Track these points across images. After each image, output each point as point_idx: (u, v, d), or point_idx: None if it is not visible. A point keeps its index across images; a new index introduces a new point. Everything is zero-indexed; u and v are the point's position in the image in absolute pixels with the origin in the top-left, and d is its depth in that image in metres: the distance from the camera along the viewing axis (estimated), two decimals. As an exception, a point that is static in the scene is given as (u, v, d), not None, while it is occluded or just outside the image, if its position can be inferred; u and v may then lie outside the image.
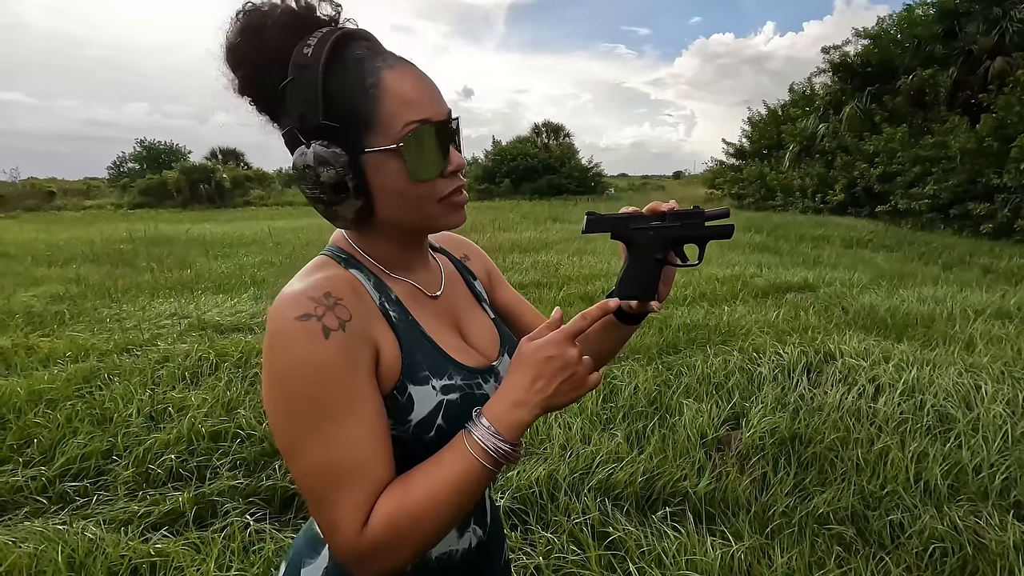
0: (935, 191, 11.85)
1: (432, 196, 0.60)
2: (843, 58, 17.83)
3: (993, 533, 1.86)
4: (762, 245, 9.35)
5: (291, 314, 0.54)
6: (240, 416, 2.66)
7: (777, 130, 20.83)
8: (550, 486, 2.11)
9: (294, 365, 0.53)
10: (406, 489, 0.55)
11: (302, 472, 0.54)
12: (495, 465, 0.56)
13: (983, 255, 8.55)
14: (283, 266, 7.47)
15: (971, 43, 14.27)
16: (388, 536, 0.53)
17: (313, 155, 0.55)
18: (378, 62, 0.57)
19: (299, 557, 0.67)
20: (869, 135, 15.05)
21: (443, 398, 0.61)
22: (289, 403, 0.54)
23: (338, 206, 0.58)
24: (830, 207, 15.85)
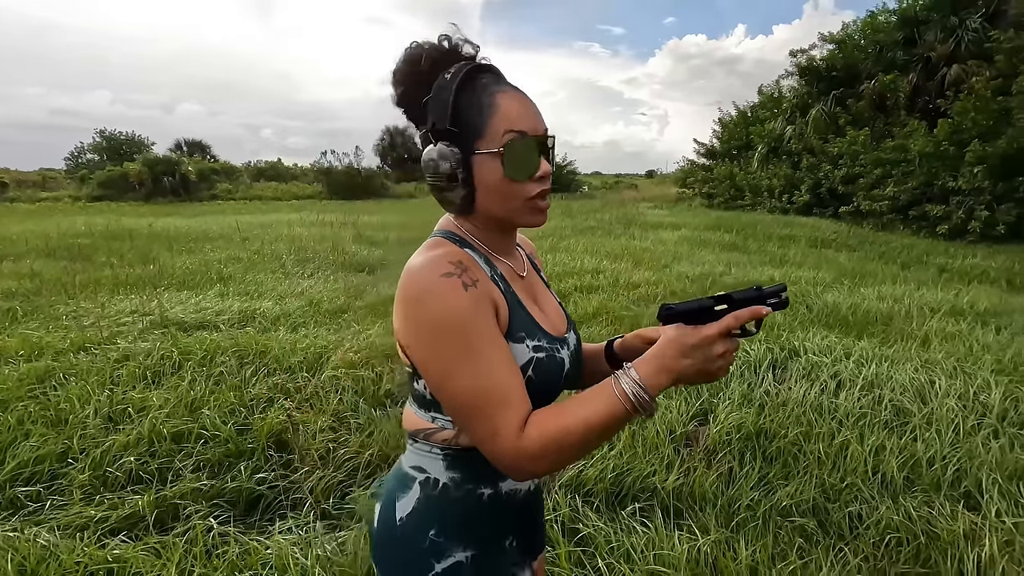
0: (895, 193, 12.26)
1: (520, 195, 0.76)
2: (809, 62, 18.29)
3: (945, 523, 1.94)
4: (731, 244, 9.54)
5: (436, 273, 0.69)
6: (204, 416, 2.59)
7: (746, 131, 21.27)
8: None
9: (446, 311, 0.67)
10: (558, 413, 0.69)
11: (461, 392, 0.68)
12: (633, 410, 0.69)
13: (939, 255, 8.90)
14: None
15: (930, 50, 14.81)
16: (541, 445, 0.67)
17: (437, 151, 0.73)
18: (496, 88, 0.75)
19: (392, 494, 0.82)
20: (834, 138, 15.48)
21: (533, 355, 0.77)
22: (444, 341, 0.68)
23: (449, 192, 0.75)
24: (796, 207, 16.26)
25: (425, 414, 0.80)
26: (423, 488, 0.79)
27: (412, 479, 0.80)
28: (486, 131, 0.73)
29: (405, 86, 0.77)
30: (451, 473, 0.79)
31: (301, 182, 35.85)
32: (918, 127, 12.57)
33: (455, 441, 0.78)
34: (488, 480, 0.80)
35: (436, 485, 0.79)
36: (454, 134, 0.73)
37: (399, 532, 0.79)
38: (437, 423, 0.79)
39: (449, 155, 0.72)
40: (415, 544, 0.78)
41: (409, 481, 0.81)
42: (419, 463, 0.81)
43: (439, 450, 0.79)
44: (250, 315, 4.53)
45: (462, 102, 0.73)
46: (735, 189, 19.85)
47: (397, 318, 0.73)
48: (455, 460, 0.79)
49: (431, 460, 0.80)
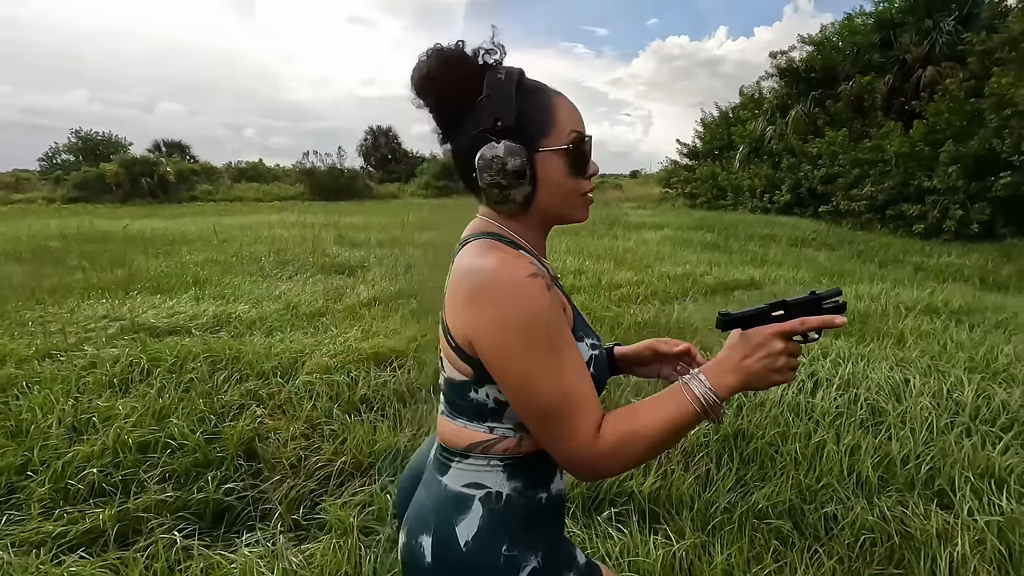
0: (872, 193, 12.47)
1: (578, 191, 0.80)
2: (789, 63, 18.53)
3: (918, 522, 1.95)
4: (713, 244, 9.61)
5: (523, 273, 0.69)
6: (172, 425, 2.51)
7: (728, 132, 21.48)
8: (496, 490, 2.08)
9: (535, 310, 0.68)
10: (631, 414, 0.71)
11: (543, 393, 0.69)
12: (704, 413, 0.71)
13: (915, 254, 9.06)
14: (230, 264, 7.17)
15: (905, 52, 15.09)
16: (616, 446, 0.69)
17: (504, 148, 0.73)
18: (549, 90, 0.79)
19: (446, 520, 0.77)
20: (813, 138, 15.70)
21: (592, 353, 0.79)
22: (533, 342, 0.68)
23: (513, 190, 0.75)
24: (777, 207, 16.46)
25: (480, 425, 0.78)
26: (485, 504, 0.77)
27: (470, 498, 0.77)
28: (552, 129, 0.75)
29: (443, 87, 0.75)
30: (513, 483, 0.78)
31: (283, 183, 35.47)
32: (894, 128, 12.79)
33: (517, 450, 0.78)
34: (544, 484, 0.81)
35: (500, 499, 0.77)
36: (519, 131, 0.74)
37: (467, 558, 0.75)
38: (497, 433, 0.77)
39: (518, 151, 0.73)
40: (489, 565, 0.75)
41: (466, 500, 0.77)
42: (475, 479, 0.78)
43: (498, 461, 0.78)
44: (225, 319, 4.43)
45: (521, 100, 0.74)
46: (717, 189, 20.04)
47: (469, 317, 0.71)
48: (515, 469, 0.78)
49: (490, 474, 0.78)
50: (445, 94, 0.76)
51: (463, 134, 0.77)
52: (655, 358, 1.00)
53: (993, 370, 3.21)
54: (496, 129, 0.73)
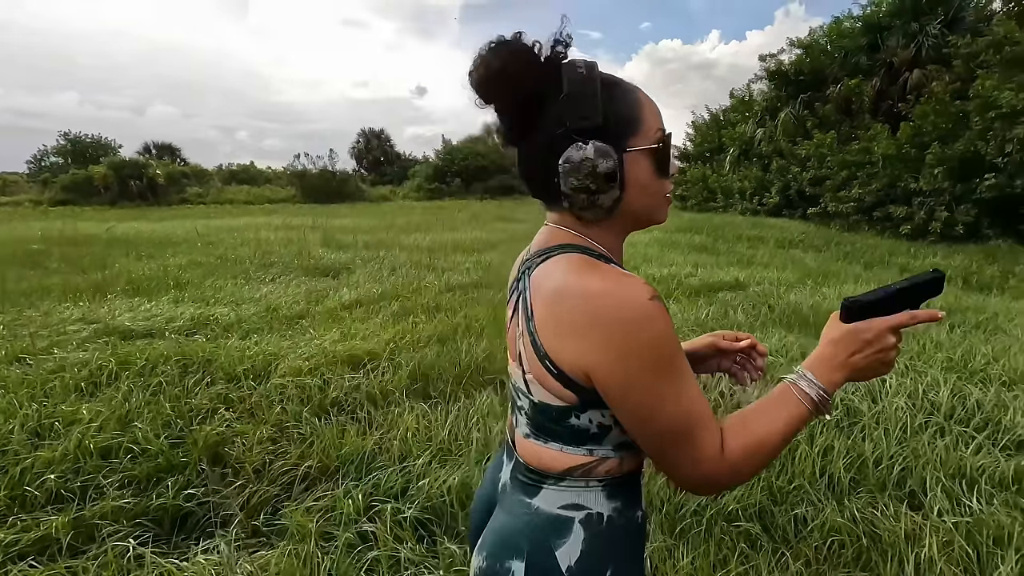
0: (860, 195, 12.53)
1: (663, 191, 0.75)
2: (778, 66, 18.64)
3: (888, 523, 1.93)
4: (701, 245, 9.62)
5: (644, 296, 0.64)
6: (136, 429, 2.46)
7: (718, 134, 21.59)
8: (463, 494, 2.04)
9: (663, 336, 0.64)
10: (746, 424, 0.68)
11: (670, 418, 0.65)
12: (816, 411, 0.70)
13: (901, 255, 9.10)
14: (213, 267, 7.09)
15: (892, 55, 15.20)
16: (742, 459, 0.67)
17: (594, 149, 0.66)
18: (628, 84, 0.73)
19: (545, 543, 0.72)
20: (802, 140, 15.79)
21: None
22: (657, 369, 0.64)
23: (603, 194, 0.69)
24: (767, 209, 16.53)
25: (578, 449, 0.73)
26: (587, 527, 0.72)
27: (569, 520, 0.73)
28: (639, 127, 0.70)
29: (516, 83, 0.68)
30: (613, 503, 0.74)
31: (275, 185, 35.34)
32: (881, 130, 12.88)
33: (618, 470, 0.74)
34: (638, 502, 0.78)
35: (601, 520, 0.73)
36: (607, 130, 0.68)
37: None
38: (597, 455, 0.73)
39: (609, 152, 0.67)
40: None
41: (566, 523, 0.72)
42: (573, 501, 0.73)
43: (597, 482, 0.73)
44: (202, 322, 4.37)
45: (607, 96, 0.68)
46: (707, 191, 20.12)
47: (585, 345, 0.65)
48: (615, 489, 0.74)
49: (590, 494, 0.73)
50: (518, 91, 0.69)
51: (539, 135, 0.70)
52: (715, 354, 0.96)
53: (970, 370, 3.21)
54: (582, 129, 0.67)
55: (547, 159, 0.69)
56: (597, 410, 0.70)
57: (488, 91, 0.70)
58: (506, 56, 0.67)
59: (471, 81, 0.70)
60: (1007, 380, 3.06)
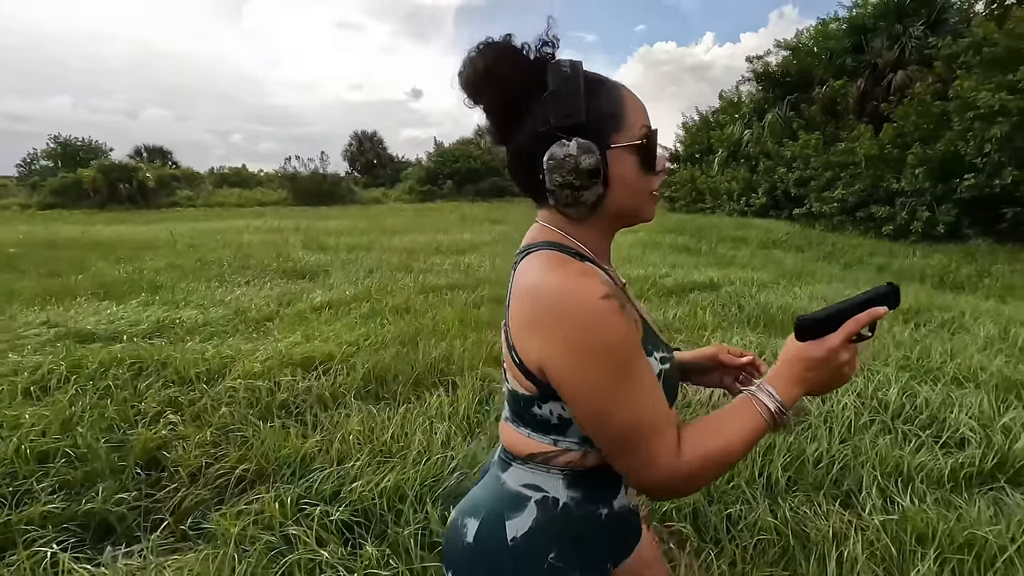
0: (843, 195, 12.59)
1: (648, 188, 0.76)
2: (765, 68, 18.73)
3: (818, 522, 1.92)
4: (683, 246, 9.64)
5: (595, 295, 0.65)
6: (76, 434, 2.44)
7: (707, 136, 21.66)
8: (395, 497, 2.03)
9: (613, 337, 0.64)
10: (707, 432, 0.69)
11: (624, 422, 0.66)
12: (774, 425, 0.72)
13: (882, 255, 9.14)
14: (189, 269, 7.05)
15: (877, 57, 15.30)
16: (699, 464, 0.68)
17: (576, 146, 0.68)
18: (612, 82, 0.74)
19: (499, 512, 0.76)
20: (788, 142, 15.85)
21: (660, 367, 0.75)
22: (609, 370, 0.65)
23: (586, 191, 0.70)
24: (754, 210, 16.59)
25: (544, 437, 0.76)
26: (541, 508, 0.76)
27: (526, 498, 0.76)
28: (622, 124, 0.71)
29: (503, 83, 0.70)
30: (572, 492, 0.76)
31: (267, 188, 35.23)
32: (865, 131, 12.94)
33: (580, 463, 0.76)
34: (606, 498, 0.79)
35: (556, 505, 0.76)
36: (590, 126, 0.69)
37: (510, 552, 0.74)
38: (561, 446, 0.75)
39: (592, 149, 0.68)
40: (530, 567, 0.74)
41: (522, 500, 0.76)
42: (534, 481, 0.77)
43: (558, 470, 0.76)
44: (167, 325, 4.34)
45: (593, 95, 0.70)
46: (696, 192, 20.18)
47: (538, 341, 0.67)
48: (576, 479, 0.76)
49: (550, 479, 0.77)
50: (505, 90, 0.71)
51: (525, 133, 0.72)
52: (716, 367, 0.96)
53: (925, 368, 3.22)
54: (566, 126, 0.69)
55: (533, 157, 0.71)
56: (557, 403, 0.72)
57: (476, 91, 0.72)
58: (493, 57, 0.69)
59: (460, 81, 0.72)
60: (960, 378, 3.07)
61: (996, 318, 4.45)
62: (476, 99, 0.72)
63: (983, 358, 3.34)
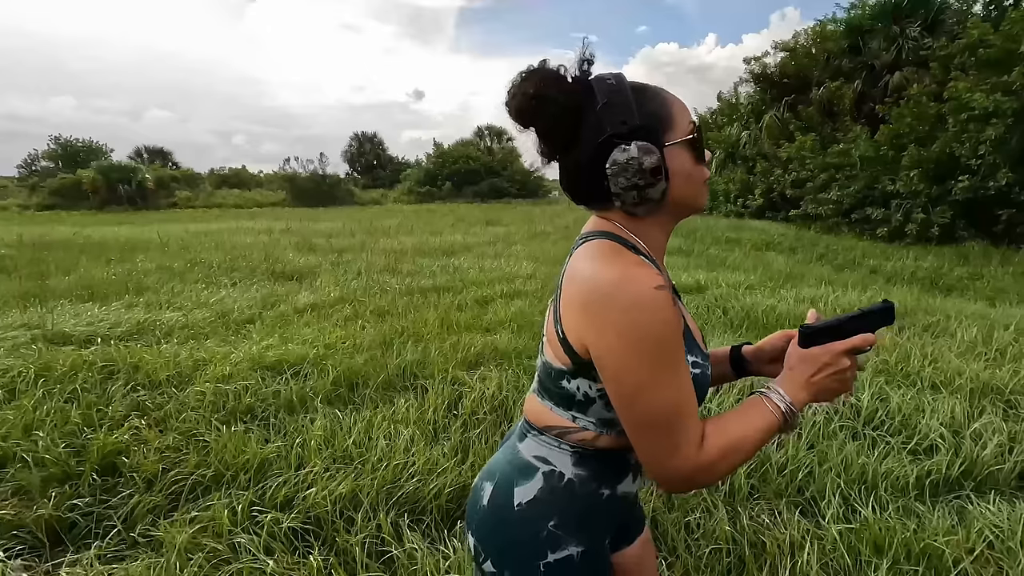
0: (839, 197, 12.54)
1: (703, 178, 0.81)
2: (763, 69, 18.69)
3: (776, 531, 1.89)
4: (675, 248, 9.59)
5: (650, 284, 0.69)
6: (37, 438, 2.42)
7: (705, 137, 21.60)
8: (350, 503, 2.00)
9: (663, 324, 0.68)
10: (723, 427, 0.73)
11: (658, 406, 0.70)
12: (786, 425, 0.76)
13: (875, 257, 9.09)
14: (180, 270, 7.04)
15: (874, 58, 15.25)
16: (717, 458, 0.72)
17: (637, 148, 0.72)
18: (654, 87, 0.79)
19: (509, 479, 0.83)
20: (785, 143, 15.80)
21: (692, 371, 0.76)
22: (655, 355, 0.68)
23: (652, 188, 0.74)
24: (750, 211, 16.55)
25: (565, 412, 0.82)
26: (547, 480, 0.81)
27: (535, 468, 0.83)
28: (671, 123, 0.76)
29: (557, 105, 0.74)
30: (578, 470, 0.81)
31: (266, 189, 35.28)
32: (861, 132, 12.90)
33: (592, 443, 0.81)
34: (610, 481, 0.83)
35: (561, 479, 0.81)
36: (646, 130, 0.74)
37: (516, 516, 0.81)
38: (579, 423, 0.81)
39: (652, 149, 0.72)
40: (532, 531, 0.80)
41: (531, 470, 0.83)
42: (544, 454, 0.83)
43: (569, 446, 0.81)
44: (147, 327, 4.33)
45: (638, 100, 0.75)
46: (694, 194, 20.11)
47: (589, 320, 0.71)
48: (584, 458, 0.81)
49: (559, 454, 0.82)
50: (554, 110, 0.75)
51: (580, 146, 0.76)
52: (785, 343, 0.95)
53: (903, 373, 3.18)
54: (623, 132, 0.73)
55: (595, 166, 0.75)
56: (586, 380, 0.77)
57: (526, 116, 0.76)
58: (538, 81, 0.74)
59: (509, 111, 0.76)
60: (936, 383, 3.03)
61: (981, 321, 4.41)
62: (527, 123, 0.77)
63: (962, 362, 3.30)
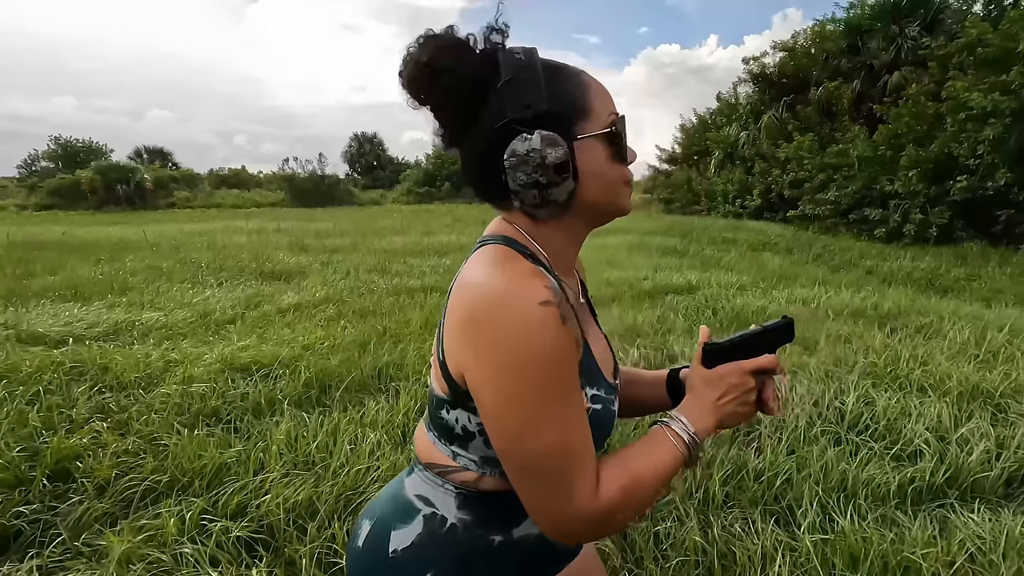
0: (837, 197, 12.46)
1: (622, 179, 0.68)
2: (762, 69, 18.61)
3: (748, 541, 1.81)
4: (671, 249, 9.52)
5: (534, 299, 0.57)
6: (-9, 441, 2.34)
7: (704, 137, 21.55)
8: (307, 512, 1.92)
9: (541, 350, 0.56)
10: (624, 466, 0.62)
11: (541, 451, 0.58)
12: (690, 458, 0.66)
13: (872, 258, 9.00)
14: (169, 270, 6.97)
15: (873, 58, 15.17)
16: (618, 503, 0.61)
17: (540, 139, 0.60)
18: (572, 68, 0.66)
19: (387, 521, 0.72)
20: (783, 143, 15.72)
21: (591, 407, 0.66)
22: (533, 385, 0.57)
23: (556, 187, 0.62)
24: (749, 212, 16.46)
25: (446, 448, 0.70)
26: (427, 524, 0.70)
27: (415, 510, 0.71)
28: (588, 111, 0.64)
29: (450, 79, 0.62)
30: (462, 514, 0.70)
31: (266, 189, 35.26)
32: (859, 132, 12.81)
33: (475, 486, 0.69)
34: (501, 526, 0.70)
35: (443, 524, 0.70)
36: (554, 116, 0.62)
37: (390, 565, 0.70)
38: (459, 462, 0.69)
39: (558, 141, 0.61)
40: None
41: (411, 512, 0.71)
42: (427, 494, 0.72)
43: (453, 487, 0.70)
44: (125, 327, 4.26)
45: (550, 80, 0.63)
46: (692, 194, 20.05)
47: (463, 342, 0.60)
48: (469, 500, 0.70)
49: (442, 495, 0.71)
50: (452, 86, 0.62)
51: (479, 131, 0.64)
52: None
53: (891, 376, 3.10)
54: (526, 118, 0.61)
55: (491, 156, 0.63)
56: (465, 412, 0.66)
57: (419, 89, 0.63)
58: (435, 50, 0.62)
59: (401, 81, 0.64)
60: (925, 386, 2.95)
61: (975, 323, 4.32)
62: (421, 99, 0.64)
63: (952, 364, 3.21)
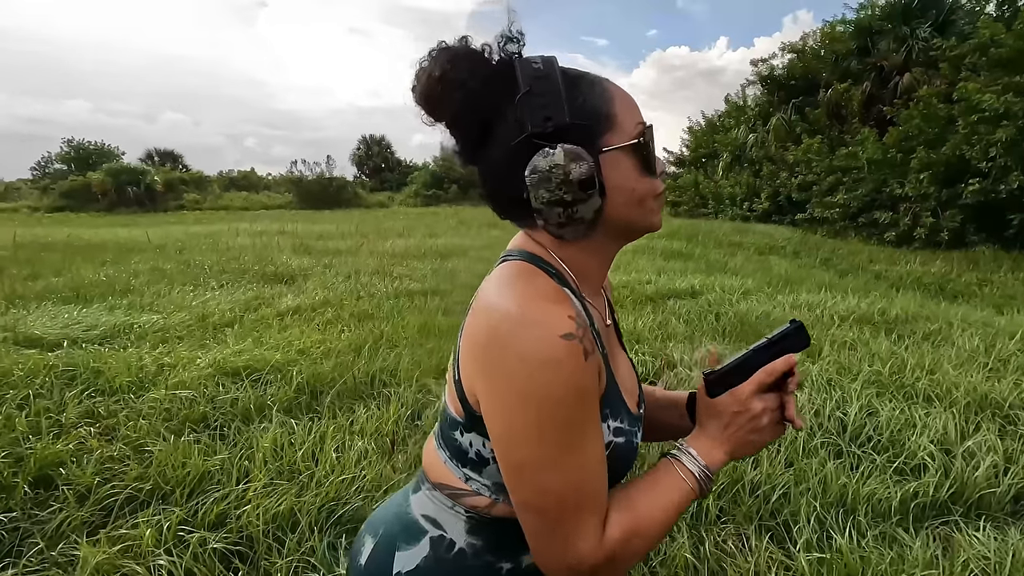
0: (846, 200, 12.30)
1: (652, 192, 0.64)
2: (770, 71, 18.46)
3: (742, 559, 1.74)
4: (676, 252, 9.42)
5: (555, 331, 0.54)
6: (-24, 447, 2.32)
7: (712, 139, 21.41)
8: (287, 523, 1.88)
9: (559, 386, 0.53)
10: (631, 507, 0.60)
11: (547, 491, 0.55)
12: (702, 492, 0.64)
13: (881, 262, 8.87)
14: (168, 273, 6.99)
15: (883, 59, 14.99)
16: (624, 547, 0.58)
17: (563, 153, 0.56)
18: (594, 76, 0.62)
19: (391, 540, 0.69)
20: (792, 146, 15.57)
21: (613, 440, 0.63)
22: (548, 423, 0.54)
23: (581, 204, 0.58)
24: (756, 215, 16.32)
25: (458, 470, 0.66)
26: (434, 547, 0.66)
27: (422, 532, 0.68)
28: (613, 122, 0.60)
29: (466, 92, 0.59)
30: (471, 539, 0.66)
31: (274, 192, 35.49)
32: (869, 134, 12.65)
33: (487, 511, 0.65)
34: (510, 553, 0.67)
35: (451, 548, 0.66)
36: (577, 129, 0.57)
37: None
38: (471, 486, 0.65)
39: (582, 155, 0.56)
40: None
41: (418, 533, 0.68)
42: (434, 515, 0.68)
43: (463, 510, 0.66)
44: (122, 330, 4.24)
45: (571, 90, 0.59)
46: (699, 197, 19.91)
47: (479, 366, 0.57)
48: (480, 525, 0.66)
49: (451, 517, 0.67)
50: (468, 99, 0.59)
51: (497, 146, 0.60)
52: None
53: (896, 384, 3.01)
54: (547, 132, 0.57)
55: (511, 172, 0.58)
56: (479, 436, 0.62)
57: (433, 104, 0.60)
58: (448, 62, 0.58)
59: (414, 97, 0.61)
60: (931, 395, 2.86)
61: (985, 329, 4.22)
62: (436, 114, 0.61)
63: (960, 373, 3.12)
